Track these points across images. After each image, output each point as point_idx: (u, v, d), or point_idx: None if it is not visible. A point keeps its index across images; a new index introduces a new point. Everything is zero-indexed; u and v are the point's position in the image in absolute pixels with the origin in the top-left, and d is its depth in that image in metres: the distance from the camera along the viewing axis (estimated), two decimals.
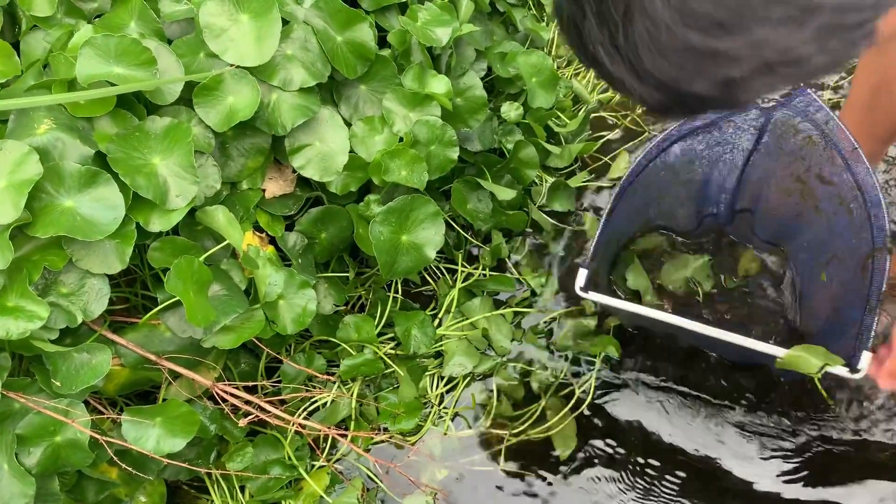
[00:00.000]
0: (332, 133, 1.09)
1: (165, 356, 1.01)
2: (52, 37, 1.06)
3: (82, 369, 0.91)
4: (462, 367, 1.25)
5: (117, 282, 1.06)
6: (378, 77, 1.13)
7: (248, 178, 1.08)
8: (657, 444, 1.19)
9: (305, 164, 1.08)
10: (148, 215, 0.93)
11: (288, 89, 1.03)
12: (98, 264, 0.92)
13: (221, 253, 1.02)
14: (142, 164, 0.93)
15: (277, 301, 1.06)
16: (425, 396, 1.25)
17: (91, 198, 0.90)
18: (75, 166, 0.89)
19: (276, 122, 1.04)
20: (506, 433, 1.22)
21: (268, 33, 0.99)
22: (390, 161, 1.10)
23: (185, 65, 0.99)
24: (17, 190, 0.85)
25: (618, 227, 1.18)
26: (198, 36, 1.00)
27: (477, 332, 1.28)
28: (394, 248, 1.11)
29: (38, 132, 0.90)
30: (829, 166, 1.09)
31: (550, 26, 1.53)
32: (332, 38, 1.07)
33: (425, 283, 1.34)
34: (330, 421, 1.19)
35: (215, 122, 0.99)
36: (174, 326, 0.99)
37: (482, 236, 1.37)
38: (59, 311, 0.91)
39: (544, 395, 1.25)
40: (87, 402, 1.00)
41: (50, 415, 0.91)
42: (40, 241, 0.90)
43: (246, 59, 0.99)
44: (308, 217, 1.15)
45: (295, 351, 1.22)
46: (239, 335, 1.01)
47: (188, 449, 1.02)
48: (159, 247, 0.97)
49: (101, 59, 0.92)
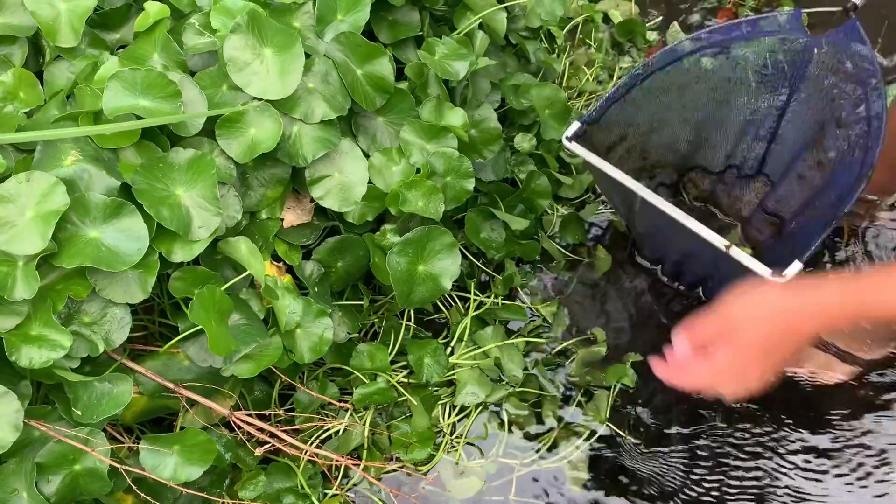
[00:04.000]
0: (351, 164, 1.10)
1: (183, 384, 1.02)
2: (77, 67, 1.07)
3: (104, 399, 0.92)
4: (474, 396, 1.26)
5: (136, 310, 1.07)
6: (396, 109, 1.15)
7: (267, 207, 1.09)
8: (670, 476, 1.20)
9: (325, 194, 1.10)
10: (171, 246, 0.95)
11: (309, 122, 1.05)
12: (121, 294, 0.93)
13: (241, 282, 1.03)
14: (166, 196, 0.94)
15: (295, 330, 1.07)
16: (437, 425, 1.25)
17: (116, 229, 0.91)
18: (101, 197, 0.90)
19: (297, 153, 1.05)
20: (517, 463, 1.23)
21: (291, 67, 1.01)
22: (407, 192, 1.11)
23: (208, 97, 1.01)
24: (44, 221, 0.86)
25: (631, 116, 1.16)
26: (221, 68, 1.02)
27: (489, 360, 1.28)
28: (410, 278, 1.12)
29: (65, 163, 0.91)
30: (851, 106, 1.08)
31: (562, 58, 1.55)
32: (352, 71, 1.08)
33: (438, 311, 1.35)
34: (343, 449, 1.19)
35: (237, 153, 1.01)
36: (194, 355, 0.99)
37: (494, 265, 1.38)
38: (81, 340, 0.92)
39: (556, 425, 1.26)
40: (104, 429, 1.01)
41: (70, 443, 0.91)
42: (65, 271, 0.90)
43: (269, 92, 1.01)
44: (325, 246, 1.16)
45: (308, 378, 1.23)
46: (258, 364, 1.01)
47: (202, 477, 1.02)
48: (181, 276, 0.98)
49: (128, 91, 0.94)
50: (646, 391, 1.27)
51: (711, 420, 1.24)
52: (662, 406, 1.26)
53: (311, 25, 1.09)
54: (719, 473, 1.19)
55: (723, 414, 1.24)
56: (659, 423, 1.24)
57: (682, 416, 1.25)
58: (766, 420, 1.23)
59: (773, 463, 1.20)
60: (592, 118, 1.11)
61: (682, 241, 1.09)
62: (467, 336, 1.30)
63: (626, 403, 1.26)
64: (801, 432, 1.22)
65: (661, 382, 1.25)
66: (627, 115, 1.18)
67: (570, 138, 1.08)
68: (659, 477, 1.20)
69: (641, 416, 1.25)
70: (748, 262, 0.97)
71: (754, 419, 1.23)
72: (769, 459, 1.20)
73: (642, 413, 1.26)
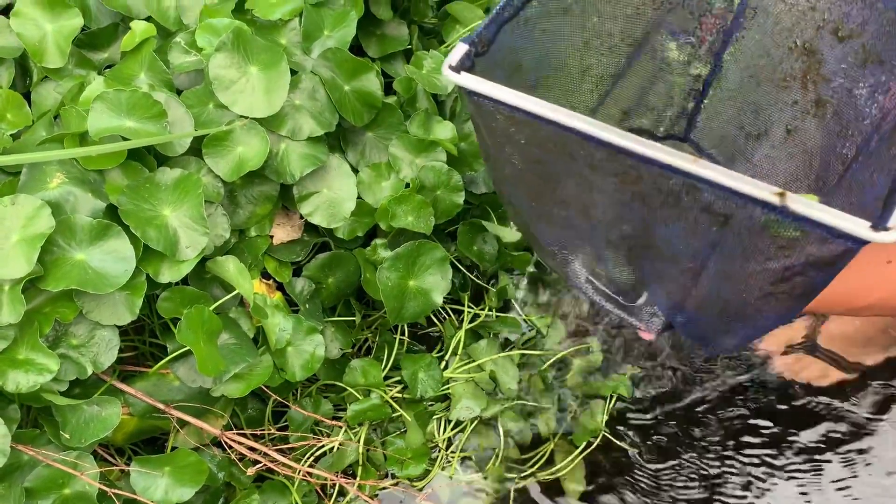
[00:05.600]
0: (339, 180, 1.10)
1: (174, 405, 1.01)
2: (64, 88, 1.07)
3: (92, 422, 0.91)
4: (469, 410, 1.25)
5: (126, 330, 1.06)
6: (385, 124, 1.14)
7: (256, 224, 1.09)
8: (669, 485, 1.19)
9: (313, 211, 1.09)
10: (158, 266, 0.94)
11: (297, 139, 1.05)
12: (108, 316, 0.92)
13: (230, 301, 1.03)
14: (152, 216, 0.93)
15: (286, 348, 1.06)
16: (433, 440, 1.24)
17: (102, 251, 0.90)
18: (87, 220, 0.90)
19: (284, 170, 1.05)
20: (514, 476, 1.22)
21: (277, 85, 1.00)
22: (397, 207, 1.11)
23: (194, 115, 1.00)
24: (30, 244, 0.86)
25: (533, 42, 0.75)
26: (207, 87, 1.02)
27: (484, 374, 1.28)
28: (401, 293, 1.11)
29: (51, 186, 0.91)
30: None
31: None
32: (339, 87, 1.08)
33: (431, 325, 1.35)
34: (337, 467, 1.18)
35: (225, 171, 1.01)
36: (183, 376, 0.99)
37: (488, 276, 1.37)
38: (69, 363, 0.91)
39: (552, 437, 1.25)
40: (95, 452, 1.00)
41: (59, 467, 0.90)
42: (51, 294, 0.90)
43: (255, 110, 1.00)
44: (315, 262, 1.15)
45: (302, 395, 1.22)
46: (248, 383, 1.01)
47: (195, 497, 1.01)
48: (169, 297, 0.97)
49: (113, 113, 0.93)
50: (643, 401, 1.26)
51: (710, 429, 1.23)
52: (660, 415, 1.25)
53: (298, 42, 1.09)
54: (719, 481, 1.19)
55: (722, 423, 1.23)
56: (657, 433, 1.24)
57: (680, 426, 1.24)
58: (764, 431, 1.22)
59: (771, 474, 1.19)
60: (483, 37, 0.66)
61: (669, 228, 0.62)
62: (462, 349, 1.29)
63: (623, 413, 1.26)
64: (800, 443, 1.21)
65: (658, 392, 1.25)
66: (528, 41, 0.75)
67: (456, 68, 0.62)
68: (658, 487, 1.19)
69: (639, 426, 1.24)
70: (832, 218, 0.49)
71: (754, 431, 1.22)
72: (768, 467, 1.19)
73: (640, 423, 1.25)
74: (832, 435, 1.21)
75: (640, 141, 0.52)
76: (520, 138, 0.63)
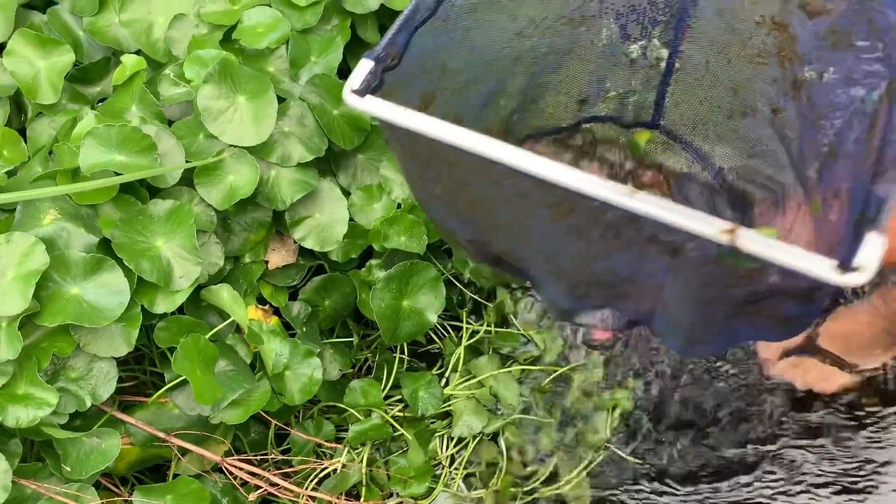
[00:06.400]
0: (331, 204, 1.11)
1: (174, 433, 1.02)
2: (58, 123, 1.09)
3: (92, 454, 0.92)
4: (471, 426, 1.25)
5: (126, 360, 1.08)
6: (374, 146, 1.15)
7: (250, 251, 1.10)
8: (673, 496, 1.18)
9: (306, 235, 1.10)
10: (153, 297, 0.95)
11: (286, 165, 1.06)
12: (105, 348, 0.93)
13: (226, 328, 1.04)
14: (145, 248, 0.95)
15: (284, 372, 1.07)
16: (436, 458, 1.24)
17: (96, 284, 0.92)
18: (80, 254, 0.91)
19: (276, 197, 1.06)
20: (518, 491, 1.22)
21: (264, 113, 1.01)
22: (389, 228, 1.12)
23: (185, 146, 1.02)
24: (25, 281, 0.87)
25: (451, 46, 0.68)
26: (196, 118, 1.03)
27: (485, 390, 1.28)
28: (395, 314, 1.12)
29: (45, 222, 0.93)
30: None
31: None
32: (328, 111, 1.09)
33: (431, 342, 1.35)
34: (340, 488, 1.19)
35: (217, 200, 1.02)
36: (182, 404, 1.00)
37: (486, 292, 1.38)
38: (68, 396, 0.92)
39: (556, 451, 1.25)
40: (98, 482, 1.01)
41: (61, 500, 0.91)
42: (48, 329, 0.91)
43: (244, 139, 1.01)
44: (311, 286, 1.16)
45: (303, 418, 1.23)
46: (246, 409, 1.02)
47: None
48: (165, 326, 0.98)
49: (104, 148, 0.95)
50: (645, 412, 1.26)
51: (715, 439, 1.23)
52: (663, 427, 1.25)
53: (286, 69, 1.10)
54: (724, 490, 1.18)
55: (726, 432, 1.23)
56: (660, 444, 1.23)
57: (684, 437, 1.23)
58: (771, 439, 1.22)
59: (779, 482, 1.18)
60: (391, 48, 0.58)
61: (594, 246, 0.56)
62: (462, 366, 1.30)
63: (626, 425, 1.25)
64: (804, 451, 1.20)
65: (659, 403, 1.25)
66: (451, 39, 0.68)
67: (359, 91, 0.54)
68: (662, 498, 1.19)
69: (642, 438, 1.24)
70: (790, 258, 0.43)
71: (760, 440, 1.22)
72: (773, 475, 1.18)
73: (643, 435, 1.24)
74: (836, 436, 1.20)
75: (569, 172, 0.46)
76: (442, 162, 0.57)
